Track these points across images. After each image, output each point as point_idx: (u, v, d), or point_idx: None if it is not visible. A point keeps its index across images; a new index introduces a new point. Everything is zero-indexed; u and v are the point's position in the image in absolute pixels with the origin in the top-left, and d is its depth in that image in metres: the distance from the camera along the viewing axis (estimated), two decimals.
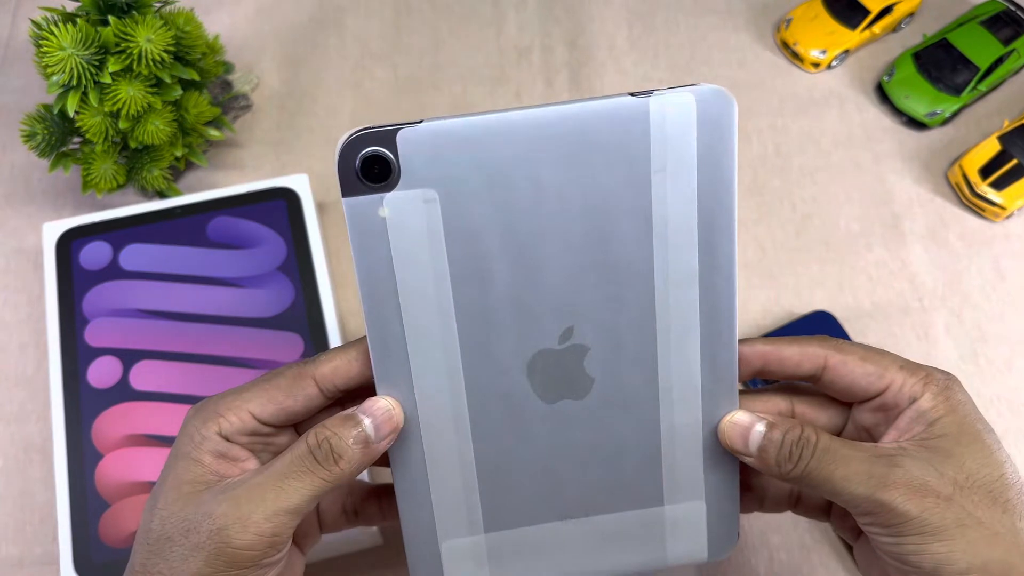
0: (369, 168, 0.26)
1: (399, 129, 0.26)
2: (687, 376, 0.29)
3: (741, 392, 0.30)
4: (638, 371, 0.29)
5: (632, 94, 0.26)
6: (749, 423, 0.29)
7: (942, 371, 0.29)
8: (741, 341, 0.30)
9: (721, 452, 0.30)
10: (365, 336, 0.28)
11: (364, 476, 0.43)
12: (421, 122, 0.26)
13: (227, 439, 0.28)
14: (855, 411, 0.30)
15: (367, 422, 0.27)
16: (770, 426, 0.28)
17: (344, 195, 0.26)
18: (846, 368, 0.29)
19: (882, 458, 0.27)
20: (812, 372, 0.30)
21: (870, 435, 0.30)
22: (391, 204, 0.26)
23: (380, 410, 0.28)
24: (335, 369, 0.29)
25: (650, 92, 0.26)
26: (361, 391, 0.30)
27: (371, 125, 0.26)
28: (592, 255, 0.28)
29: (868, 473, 0.26)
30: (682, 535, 0.31)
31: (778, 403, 0.31)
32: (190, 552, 0.26)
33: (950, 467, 0.26)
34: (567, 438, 0.30)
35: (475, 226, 0.27)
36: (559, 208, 0.27)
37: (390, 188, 0.26)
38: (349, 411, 0.28)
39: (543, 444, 0.30)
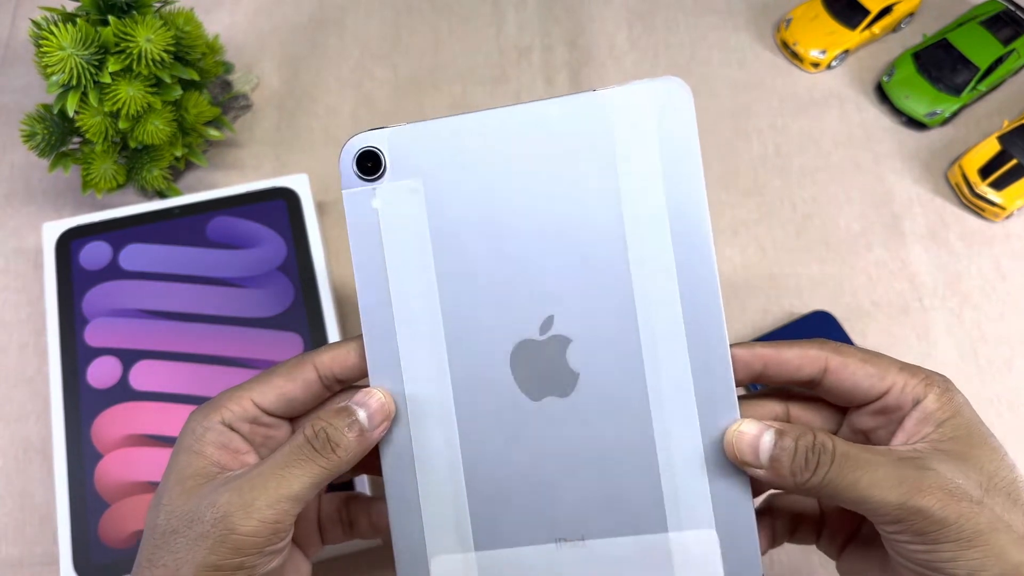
0: (363, 163, 0.29)
1: (389, 128, 0.29)
2: (676, 375, 0.28)
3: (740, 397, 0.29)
4: (622, 365, 0.28)
5: (595, 89, 0.29)
6: (758, 432, 0.27)
7: (938, 373, 0.28)
8: (740, 344, 0.29)
9: (727, 467, 0.28)
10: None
11: (366, 489, 0.43)
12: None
13: (230, 427, 0.29)
14: (852, 415, 0.30)
15: (360, 413, 0.28)
16: (780, 433, 0.27)
17: (344, 188, 0.29)
18: (848, 371, 0.28)
19: (908, 461, 0.26)
20: (813, 376, 0.29)
21: (867, 439, 0.29)
22: (381, 195, 0.29)
23: (373, 400, 0.29)
24: (333, 358, 0.30)
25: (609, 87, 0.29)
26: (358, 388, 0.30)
27: (372, 128, 0.30)
28: (569, 243, 0.29)
29: (898, 478, 0.25)
30: (695, 573, 0.28)
31: (774, 408, 0.31)
32: (195, 541, 0.26)
33: (972, 470, 0.26)
34: (555, 441, 0.29)
35: (455, 213, 0.29)
36: (533, 197, 0.29)
37: (381, 181, 0.29)
38: (343, 403, 0.29)
39: (531, 447, 0.29)
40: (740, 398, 0.30)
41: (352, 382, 0.31)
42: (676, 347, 0.28)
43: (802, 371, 0.29)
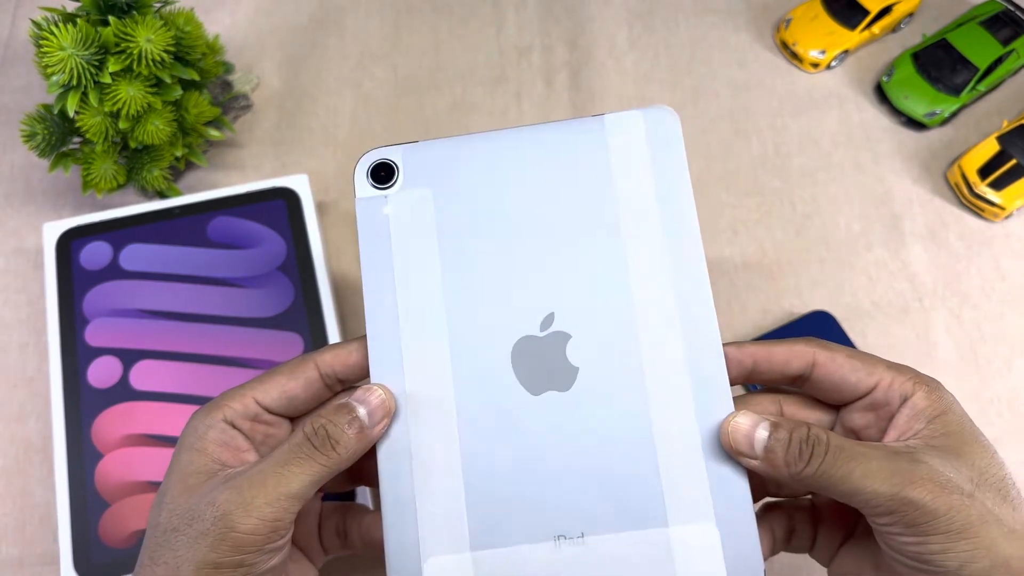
0: (377, 173, 0.32)
1: (403, 144, 0.32)
2: (673, 371, 0.29)
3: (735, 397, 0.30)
4: (620, 360, 0.29)
5: (593, 115, 0.32)
6: (752, 423, 0.28)
7: (925, 374, 0.29)
8: (731, 344, 0.30)
9: (725, 461, 0.29)
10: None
11: (368, 501, 0.43)
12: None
13: (231, 425, 0.29)
14: (843, 413, 0.30)
15: (360, 409, 0.28)
16: (774, 426, 0.27)
17: (357, 196, 0.31)
18: (835, 364, 0.29)
19: (902, 455, 0.26)
20: (801, 371, 0.30)
21: (859, 437, 0.30)
22: (393, 202, 0.31)
23: (373, 397, 0.29)
24: (335, 356, 0.30)
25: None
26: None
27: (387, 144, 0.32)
28: (569, 246, 0.30)
29: (891, 470, 0.26)
30: (697, 568, 0.28)
31: (768, 405, 0.31)
32: (195, 539, 0.26)
33: (964, 465, 0.26)
34: (554, 436, 0.29)
35: (462, 220, 0.31)
36: (536, 206, 0.31)
37: (393, 190, 0.31)
38: (343, 400, 0.29)
39: (530, 442, 0.29)
40: (736, 398, 0.31)
41: (354, 382, 0.31)
42: (672, 343, 0.29)
43: (791, 366, 0.30)
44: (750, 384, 0.45)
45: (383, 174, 0.31)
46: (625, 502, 0.29)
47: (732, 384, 0.30)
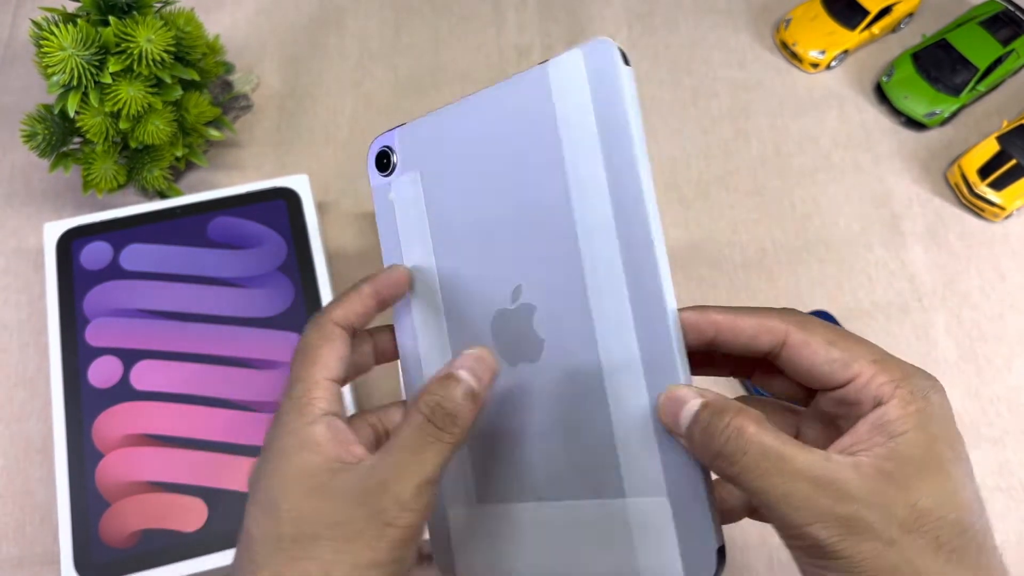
0: (380, 161, 0.33)
1: (397, 128, 0.33)
2: (623, 341, 0.28)
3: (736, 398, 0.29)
4: (576, 330, 0.29)
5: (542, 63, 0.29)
6: (684, 397, 0.25)
7: (926, 374, 0.25)
8: (692, 308, 0.27)
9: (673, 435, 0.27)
10: (371, 276, 0.32)
11: None
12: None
13: (334, 415, 0.28)
14: (819, 396, 0.27)
15: (465, 375, 0.27)
16: (705, 405, 0.24)
17: (372, 183, 0.33)
18: (808, 349, 0.26)
19: (827, 484, 0.23)
20: (770, 348, 0.26)
21: (831, 422, 0.27)
22: (395, 188, 0.33)
23: (471, 358, 0.28)
24: (355, 310, 0.31)
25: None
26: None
27: (391, 127, 0.33)
28: (528, 214, 0.30)
29: (811, 500, 0.23)
30: (651, 540, 0.28)
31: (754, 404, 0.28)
32: (346, 543, 0.25)
33: (901, 505, 0.23)
34: (529, 405, 0.30)
35: (443, 199, 0.32)
36: (497, 173, 0.30)
37: (393, 176, 0.33)
38: (443, 372, 0.27)
39: (512, 410, 0.30)
40: (737, 398, 0.29)
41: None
42: (621, 312, 0.27)
43: (757, 341, 0.27)
44: (740, 377, 0.45)
45: (384, 161, 0.33)
46: (588, 472, 0.29)
47: (693, 353, 0.27)
